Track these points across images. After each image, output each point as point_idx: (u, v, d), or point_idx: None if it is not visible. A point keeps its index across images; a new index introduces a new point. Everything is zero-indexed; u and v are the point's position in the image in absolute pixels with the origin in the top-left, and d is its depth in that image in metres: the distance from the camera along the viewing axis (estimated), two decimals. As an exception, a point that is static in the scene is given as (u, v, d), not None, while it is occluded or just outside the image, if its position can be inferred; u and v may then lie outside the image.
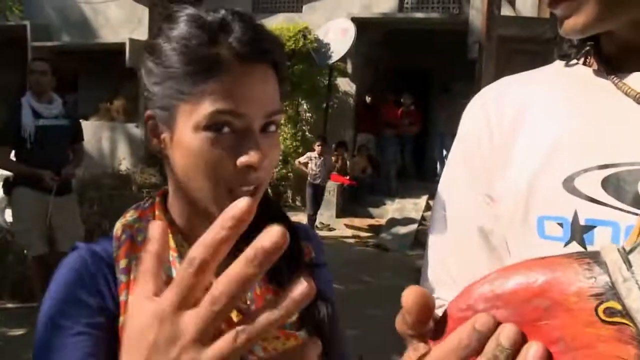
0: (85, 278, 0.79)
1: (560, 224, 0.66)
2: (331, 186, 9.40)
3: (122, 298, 0.78)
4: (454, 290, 0.80)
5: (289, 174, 10.02)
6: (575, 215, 0.64)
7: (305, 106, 10.11)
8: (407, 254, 7.91)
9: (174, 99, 0.77)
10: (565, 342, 0.39)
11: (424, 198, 9.98)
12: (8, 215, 5.36)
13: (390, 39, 11.43)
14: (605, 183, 0.64)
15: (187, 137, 0.76)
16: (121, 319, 0.77)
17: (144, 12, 11.56)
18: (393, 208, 9.77)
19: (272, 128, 0.80)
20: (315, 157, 8.55)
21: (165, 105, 0.79)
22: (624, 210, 0.62)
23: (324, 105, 10.01)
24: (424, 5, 10.40)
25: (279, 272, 0.86)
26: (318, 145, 8.57)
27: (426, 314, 0.42)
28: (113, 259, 0.81)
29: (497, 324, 0.40)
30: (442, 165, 11.20)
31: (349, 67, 10.35)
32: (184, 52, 0.76)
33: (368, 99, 10.65)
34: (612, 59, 0.72)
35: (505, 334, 0.39)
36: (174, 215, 0.86)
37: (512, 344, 0.39)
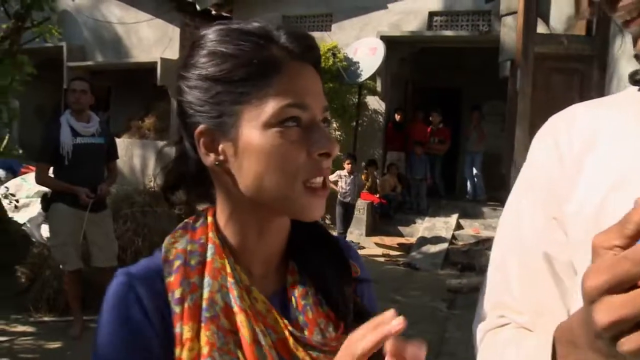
0: (130, 314, 0.76)
1: None
2: (361, 204, 9.38)
3: (177, 330, 0.75)
4: (514, 311, 0.79)
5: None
6: None
7: (335, 124, 10.13)
8: (437, 273, 7.83)
9: (234, 104, 0.77)
10: None
11: (455, 217, 9.89)
12: (45, 230, 5.46)
13: (419, 57, 11.44)
14: None
15: (256, 138, 0.76)
16: (176, 350, 0.74)
17: (174, 31, 11.79)
18: (423, 227, 9.69)
19: (326, 123, 0.82)
20: (345, 175, 8.55)
21: (221, 115, 0.78)
22: None
23: (354, 123, 10.02)
24: (453, 24, 10.37)
25: (329, 294, 0.86)
26: (347, 164, 8.57)
27: None
28: (165, 286, 0.78)
29: None
30: (472, 183, 11.15)
31: (379, 86, 10.35)
32: (239, 56, 0.77)
33: (397, 117, 10.63)
34: None
35: None
36: (227, 235, 0.84)
37: None
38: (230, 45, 0.78)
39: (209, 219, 0.85)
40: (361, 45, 9.67)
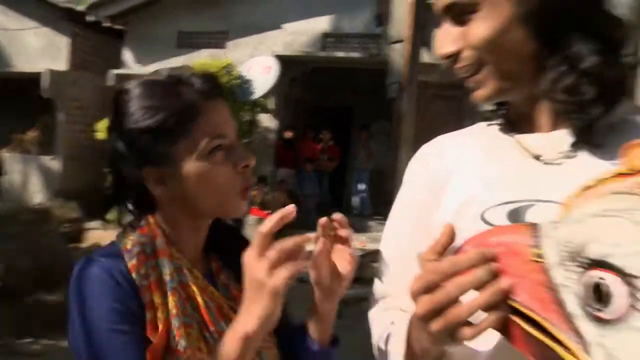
0: (117, 289, 0.93)
1: None
2: (251, 220, 9.47)
3: (147, 299, 0.94)
4: (395, 297, 0.97)
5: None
6: None
7: (227, 141, 10.23)
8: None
9: (171, 145, 0.97)
10: (511, 273, 0.66)
11: (344, 232, 10.23)
12: None
13: (311, 77, 11.80)
14: (509, 214, 0.83)
15: (194, 168, 0.98)
16: (148, 314, 0.93)
17: (62, 41, 11.38)
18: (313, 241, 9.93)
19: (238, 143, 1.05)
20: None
21: (163, 156, 0.98)
22: None
23: (246, 140, 10.15)
24: (344, 45, 10.83)
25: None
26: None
27: (449, 244, 0.73)
28: (127, 269, 0.95)
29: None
30: (360, 199, 11.61)
31: (271, 104, 10.57)
32: (168, 108, 0.97)
33: (288, 135, 10.88)
34: (514, 122, 0.94)
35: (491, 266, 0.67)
36: (169, 232, 1.03)
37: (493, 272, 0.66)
38: (157, 99, 0.98)
39: (151, 220, 1.03)
40: (255, 64, 9.86)
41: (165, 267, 0.99)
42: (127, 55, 11.46)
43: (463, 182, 0.92)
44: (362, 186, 11.43)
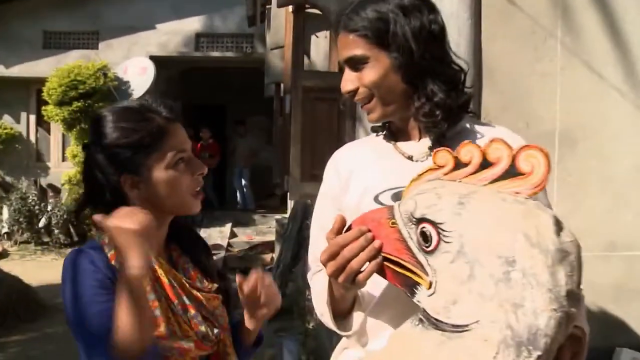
0: (97, 271, 1.21)
1: None
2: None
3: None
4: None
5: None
6: None
7: (105, 142, 10.12)
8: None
9: (144, 158, 1.26)
10: (380, 238, 1.02)
11: (229, 226, 10.50)
12: None
13: (187, 76, 11.92)
14: (393, 196, 1.25)
15: (162, 176, 1.27)
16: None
17: None
18: (200, 238, 10.13)
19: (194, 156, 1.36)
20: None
21: (137, 166, 1.26)
22: None
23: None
24: (218, 45, 11.06)
25: (199, 261, 1.42)
26: None
27: (343, 227, 1.08)
28: (107, 258, 1.23)
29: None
30: (243, 194, 11.94)
31: (149, 103, 10.58)
32: (141, 129, 1.27)
33: (168, 134, 10.94)
34: (394, 133, 1.37)
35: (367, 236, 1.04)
36: None
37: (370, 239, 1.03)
38: (134, 122, 1.27)
39: None
40: (131, 65, 9.84)
41: None
42: (-11, 56, 10.90)
43: (361, 176, 1.34)
44: (244, 181, 11.76)
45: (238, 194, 12.07)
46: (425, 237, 0.94)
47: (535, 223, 0.87)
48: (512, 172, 0.93)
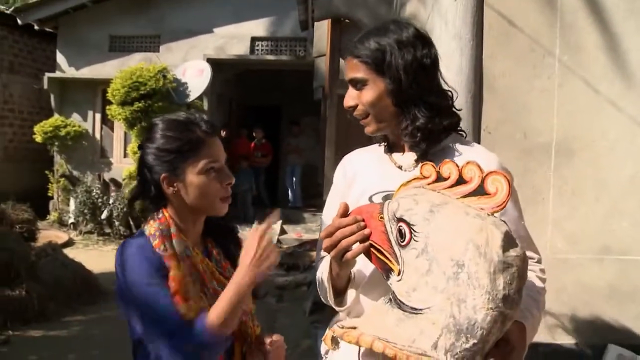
0: (148, 259, 1.44)
1: None
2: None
3: (167, 264, 1.43)
4: None
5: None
6: None
7: (164, 141, 10.60)
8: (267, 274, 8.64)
9: (182, 162, 1.49)
10: (369, 226, 1.24)
11: (279, 223, 10.80)
12: None
13: (242, 78, 12.34)
14: (384, 197, 1.47)
15: (195, 180, 1.49)
16: (171, 272, 1.42)
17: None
18: (251, 234, 10.49)
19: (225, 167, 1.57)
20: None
21: (175, 168, 1.49)
22: None
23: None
24: (273, 48, 11.42)
25: (229, 253, 1.66)
26: None
27: (346, 212, 1.31)
28: (152, 247, 1.45)
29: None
30: (293, 192, 12.27)
31: (205, 104, 11.04)
32: (183, 138, 1.52)
33: (223, 134, 11.39)
34: (390, 145, 1.60)
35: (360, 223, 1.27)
36: (176, 220, 1.53)
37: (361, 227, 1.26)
38: (176, 131, 1.51)
39: (166, 213, 1.52)
40: (189, 67, 10.27)
41: (177, 245, 1.48)
42: (60, 58, 11.59)
43: (362, 179, 1.58)
44: (294, 180, 12.10)
45: (289, 192, 12.41)
46: (401, 234, 1.15)
47: (486, 237, 1.04)
48: (480, 191, 1.11)
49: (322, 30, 5.75)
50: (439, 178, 1.18)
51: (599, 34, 2.61)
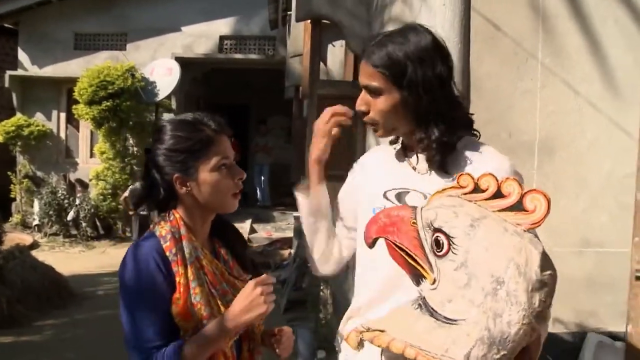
0: (156, 265, 1.43)
1: (378, 209, 1.54)
2: (162, 216, 9.90)
3: (175, 269, 1.43)
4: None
5: (118, 207, 10.31)
6: (384, 207, 1.54)
7: (132, 141, 10.53)
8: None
9: (194, 161, 1.49)
10: (398, 230, 1.20)
11: (248, 222, 10.84)
12: None
13: (210, 76, 12.30)
14: (397, 195, 1.56)
15: (207, 178, 1.49)
16: (177, 279, 1.43)
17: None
18: (221, 233, 10.48)
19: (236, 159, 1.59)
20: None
21: (188, 168, 1.49)
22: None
23: (151, 139, 10.44)
24: (242, 47, 11.43)
25: (237, 253, 1.69)
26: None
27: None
28: (163, 249, 1.45)
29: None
30: (262, 191, 12.29)
31: (174, 104, 10.98)
32: (193, 138, 1.52)
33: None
34: (406, 148, 1.63)
35: None
36: (187, 223, 1.53)
37: None
38: (186, 131, 1.51)
39: (176, 215, 1.52)
40: (157, 66, 10.20)
41: (186, 248, 1.47)
42: (22, 56, 11.35)
43: (378, 176, 1.63)
44: (262, 178, 12.13)
45: (258, 191, 12.43)
46: (438, 244, 1.14)
47: (526, 257, 1.07)
48: (518, 206, 1.11)
49: (299, 30, 5.80)
50: (476, 189, 1.18)
51: (579, 38, 2.74)
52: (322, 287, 5.80)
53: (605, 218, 2.83)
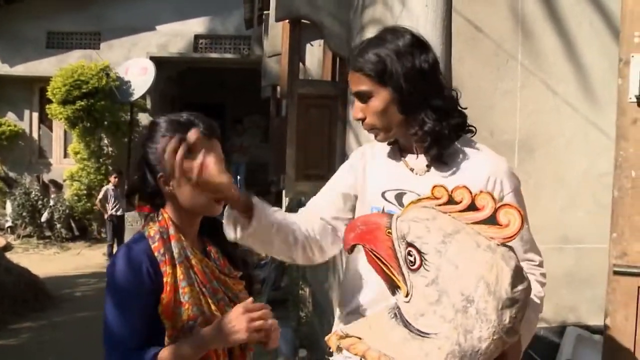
0: (142, 267, 1.41)
1: (377, 209, 1.58)
2: (139, 216, 9.82)
3: (164, 269, 1.41)
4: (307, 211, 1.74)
5: (93, 208, 10.20)
6: (383, 208, 1.57)
7: (106, 140, 10.43)
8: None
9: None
10: (375, 238, 1.23)
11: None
12: None
13: (185, 76, 12.23)
14: (396, 196, 1.56)
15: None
16: (165, 278, 1.40)
17: None
18: (198, 233, 10.46)
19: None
20: (112, 189, 9.09)
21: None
22: (397, 206, 1.56)
23: (126, 139, 10.39)
24: (217, 46, 11.38)
25: (227, 252, 1.66)
26: (114, 177, 9.17)
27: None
28: (151, 250, 1.43)
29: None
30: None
31: (148, 103, 10.90)
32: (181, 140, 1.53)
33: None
34: (402, 148, 1.64)
35: None
36: (176, 222, 1.50)
37: None
38: (175, 132, 1.44)
39: (165, 215, 1.50)
40: (132, 65, 10.12)
41: (175, 248, 1.45)
42: (-7, 55, 11.17)
43: (374, 176, 1.64)
44: (239, 177, 12.13)
45: (234, 191, 12.38)
46: (411, 258, 1.16)
47: (496, 274, 1.08)
48: (492, 220, 1.11)
49: (277, 29, 5.81)
50: (450, 201, 1.18)
51: (555, 40, 2.81)
52: (302, 286, 5.83)
53: (582, 214, 2.90)
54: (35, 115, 11.46)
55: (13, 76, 11.11)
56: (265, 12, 8.06)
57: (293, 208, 6.73)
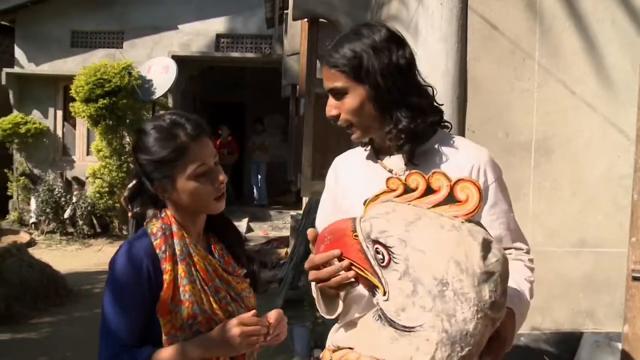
0: (143, 264, 1.44)
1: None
2: (159, 214, 9.90)
3: (164, 266, 1.44)
4: None
5: (115, 205, 10.31)
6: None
7: (128, 139, 10.52)
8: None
9: (171, 169, 1.47)
10: (344, 245, 1.23)
11: (245, 221, 10.85)
12: None
13: (207, 75, 12.30)
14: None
15: (185, 185, 1.47)
16: (165, 276, 1.43)
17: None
18: (217, 231, 10.49)
19: (217, 162, 1.55)
20: (138, 188, 9.13)
21: (166, 176, 1.48)
22: None
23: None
24: (238, 45, 11.42)
25: (232, 249, 1.67)
26: None
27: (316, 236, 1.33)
28: (153, 247, 1.46)
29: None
30: (258, 190, 12.29)
31: (170, 102, 10.97)
32: (169, 146, 1.49)
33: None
34: (377, 149, 1.61)
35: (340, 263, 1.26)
36: (179, 220, 1.53)
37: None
38: (162, 140, 1.47)
39: (168, 212, 1.53)
40: (154, 64, 10.18)
41: (177, 245, 1.47)
42: (19, 53, 11.33)
43: (351, 185, 1.61)
44: (259, 177, 12.14)
45: (255, 190, 12.42)
46: (378, 255, 1.16)
47: (465, 251, 1.06)
48: (451, 199, 1.11)
49: (296, 28, 5.79)
50: (407, 190, 1.17)
51: (575, 39, 2.75)
52: (318, 286, 5.78)
53: (601, 217, 2.83)
54: (60, 113, 11.59)
55: (38, 75, 11.26)
56: (285, 11, 8.06)
57: (311, 207, 6.71)
